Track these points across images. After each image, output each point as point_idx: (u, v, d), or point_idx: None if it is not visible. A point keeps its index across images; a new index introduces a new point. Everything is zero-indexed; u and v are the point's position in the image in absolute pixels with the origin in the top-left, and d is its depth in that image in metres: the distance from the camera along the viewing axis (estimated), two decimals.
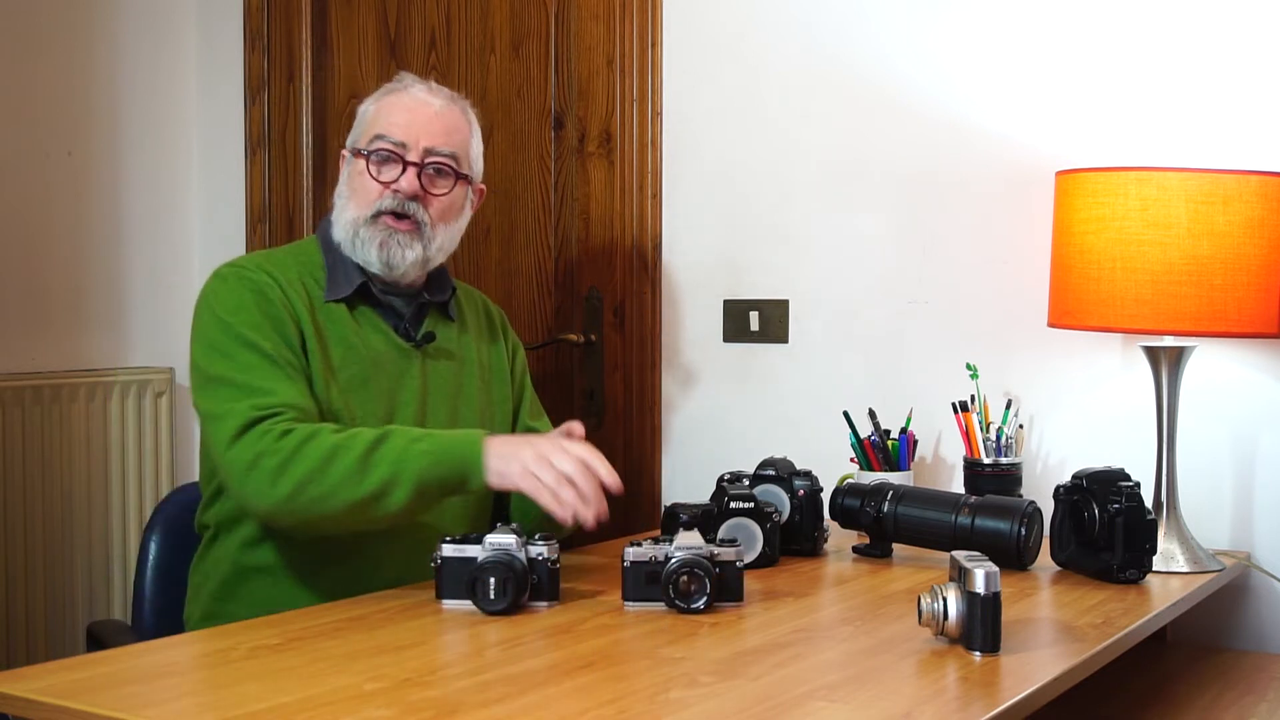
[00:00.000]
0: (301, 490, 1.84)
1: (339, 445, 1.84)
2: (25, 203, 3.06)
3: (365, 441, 1.85)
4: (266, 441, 1.85)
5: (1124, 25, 2.35)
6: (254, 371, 1.92)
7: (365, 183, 2.08)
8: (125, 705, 1.33)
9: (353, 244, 2.07)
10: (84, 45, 3.17)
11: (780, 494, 2.12)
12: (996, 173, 2.46)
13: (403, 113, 2.09)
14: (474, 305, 2.29)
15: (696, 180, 2.76)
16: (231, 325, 1.95)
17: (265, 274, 2.03)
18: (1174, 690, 2.00)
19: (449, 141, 2.11)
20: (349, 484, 1.83)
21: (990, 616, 1.52)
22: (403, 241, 2.06)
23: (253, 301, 1.98)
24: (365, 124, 2.13)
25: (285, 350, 1.96)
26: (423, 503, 1.88)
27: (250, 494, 1.87)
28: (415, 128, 2.08)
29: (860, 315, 2.59)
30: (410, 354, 2.11)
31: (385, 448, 1.85)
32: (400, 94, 2.12)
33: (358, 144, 2.12)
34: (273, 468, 1.84)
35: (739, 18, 2.70)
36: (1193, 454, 2.25)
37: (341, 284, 2.08)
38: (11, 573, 2.96)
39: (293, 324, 1.99)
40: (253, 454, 1.85)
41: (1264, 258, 2.03)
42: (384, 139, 2.08)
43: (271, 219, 3.28)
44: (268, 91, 3.28)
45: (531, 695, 1.39)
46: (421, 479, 1.85)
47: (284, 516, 1.89)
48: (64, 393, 3.07)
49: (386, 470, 1.83)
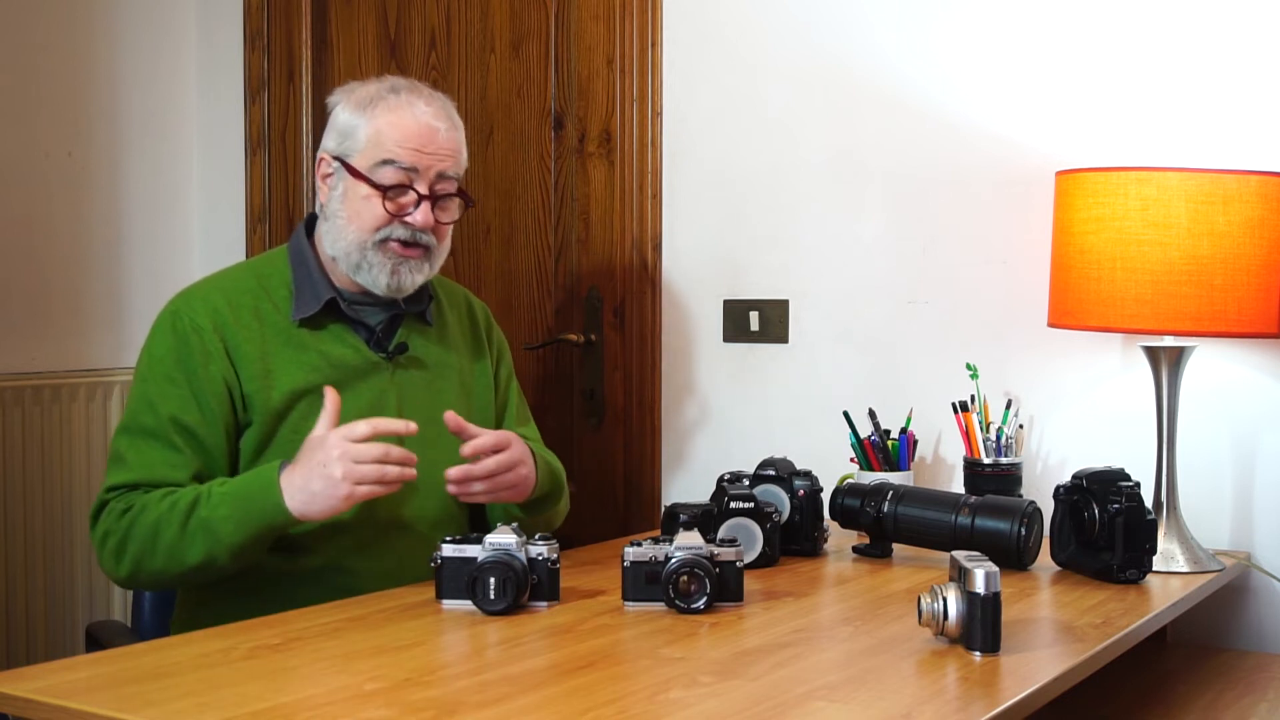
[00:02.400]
0: (140, 567, 1.91)
1: (160, 520, 1.89)
2: (25, 203, 3.06)
3: (180, 512, 1.88)
4: (110, 520, 1.93)
5: (1124, 25, 2.35)
6: (137, 439, 1.96)
7: (372, 208, 2.01)
8: (125, 705, 1.33)
9: (356, 266, 2.03)
10: (84, 45, 3.17)
11: (780, 494, 2.12)
12: (996, 173, 2.46)
13: (412, 137, 2.01)
14: (456, 306, 2.24)
15: (696, 180, 2.76)
16: (146, 379, 2.00)
17: (207, 312, 2.00)
18: (1174, 690, 2.00)
19: (456, 165, 2.06)
20: (176, 558, 1.88)
21: (990, 616, 1.52)
22: (413, 267, 2.04)
23: (173, 351, 1.99)
24: (361, 141, 2.02)
25: (189, 408, 1.96)
26: (253, 555, 1.90)
27: (105, 570, 1.97)
28: (425, 154, 2.01)
29: (860, 315, 2.59)
30: (381, 366, 2.07)
31: (194, 519, 1.87)
32: (401, 111, 2.02)
33: (350, 160, 2.03)
34: (114, 547, 1.92)
35: (739, 18, 2.70)
36: (1193, 454, 2.25)
37: (309, 302, 2.05)
38: (11, 573, 2.96)
39: (219, 371, 1.97)
40: (102, 532, 1.94)
41: (1264, 258, 2.03)
42: (393, 165, 2.00)
43: (271, 219, 3.28)
44: (268, 91, 3.28)
45: (531, 695, 1.39)
46: (234, 546, 1.87)
47: (137, 587, 2.06)
48: (64, 393, 3.07)
49: (202, 543, 1.87)
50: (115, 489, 1.94)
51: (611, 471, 2.84)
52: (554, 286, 2.91)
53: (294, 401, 2.00)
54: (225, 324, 2.00)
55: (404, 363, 2.10)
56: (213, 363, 1.98)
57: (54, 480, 3.05)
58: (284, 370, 2.01)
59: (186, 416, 1.96)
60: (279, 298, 2.06)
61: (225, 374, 1.98)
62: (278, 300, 2.05)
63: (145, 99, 3.30)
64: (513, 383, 2.29)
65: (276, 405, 1.99)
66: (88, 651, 2.23)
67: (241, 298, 2.04)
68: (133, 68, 3.27)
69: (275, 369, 2.00)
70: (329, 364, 2.03)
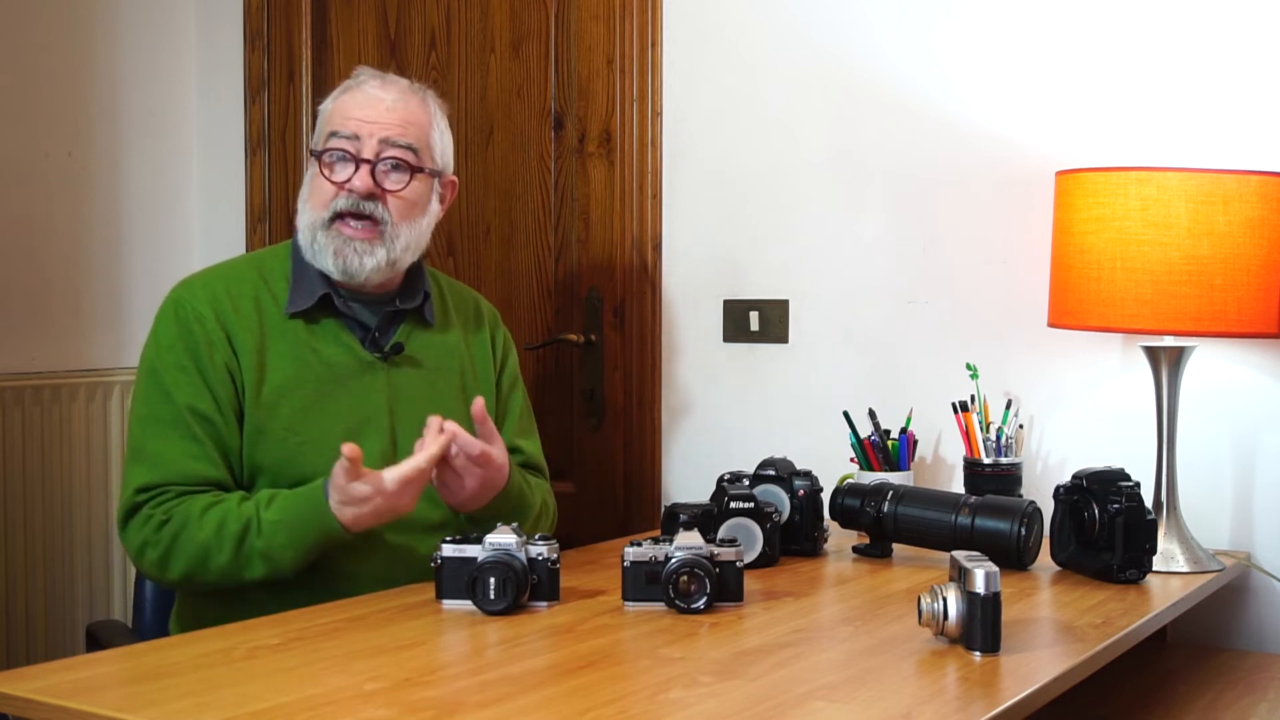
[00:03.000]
0: (191, 581, 1.93)
1: (209, 545, 1.88)
2: (25, 203, 3.06)
3: (232, 538, 1.88)
4: (148, 531, 1.92)
5: (1124, 25, 2.35)
6: (157, 431, 1.95)
7: (320, 184, 2.03)
8: (125, 705, 1.33)
9: (311, 250, 2.03)
10: (84, 45, 3.17)
11: (780, 494, 2.12)
12: (996, 173, 2.46)
13: (355, 108, 2.02)
14: (464, 307, 2.23)
15: (696, 180, 2.76)
16: (157, 369, 1.99)
17: (208, 300, 2.01)
18: (1174, 690, 2.00)
19: (405, 133, 2.03)
20: (233, 576, 1.90)
21: (990, 616, 1.52)
22: (360, 249, 2.01)
23: (180, 340, 1.99)
24: (321, 125, 2.07)
25: (203, 397, 1.96)
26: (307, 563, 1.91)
27: (149, 576, 2.00)
28: (367, 122, 2.02)
29: (860, 315, 2.59)
30: (375, 366, 2.06)
31: (248, 547, 1.88)
32: (354, 91, 2.05)
33: (314, 147, 2.07)
34: (156, 560, 1.92)
35: (739, 18, 2.70)
36: (1193, 454, 2.25)
37: (304, 296, 2.04)
38: (11, 573, 2.96)
39: (222, 358, 1.98)
40: (139, 542, 1.93)
41: (1264, 258, 2.03)
42: (337, 136, 2.02)
43: (271, 219, 3.28)
44: (268, 91, 3.28)
45: (531, 695, 1.39)
46: (297, 565, 1.89)
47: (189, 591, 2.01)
48: (64, 393, 3.07)
49: (262, 567, 1.89)
50: (145, 490, 1.93)
51: (611, 471, 2.84)
52: (554, 286, 2.91)
53: (282, 396, 1.99)
54: (225, 312, 2.00)
55: (400, 363, 2.08)
56: (216, 350, 1.98)
57: (54, 480, 3.05)
58: (276, 363, 2.01)
59: (201, 404, 1.96)
60: (278, 290, 2.05)
61: (228, 361, 1.98)
62: (276, 292, 2.05)
63: (145, 99, 3.30)
64: (517, 392, 2.25)
65: (266, 398, 1.99)
66: (88, 651, 2.23)
67: (242, 288, 2.04)
68: (133, 68, 3.27)
69: (268, 361, 2.00)
70: (320, 361, 2.03)
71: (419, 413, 1.99)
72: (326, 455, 1.88)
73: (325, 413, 2.00)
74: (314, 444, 1.97)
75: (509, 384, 2.24)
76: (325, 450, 1.90)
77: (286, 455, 1.97)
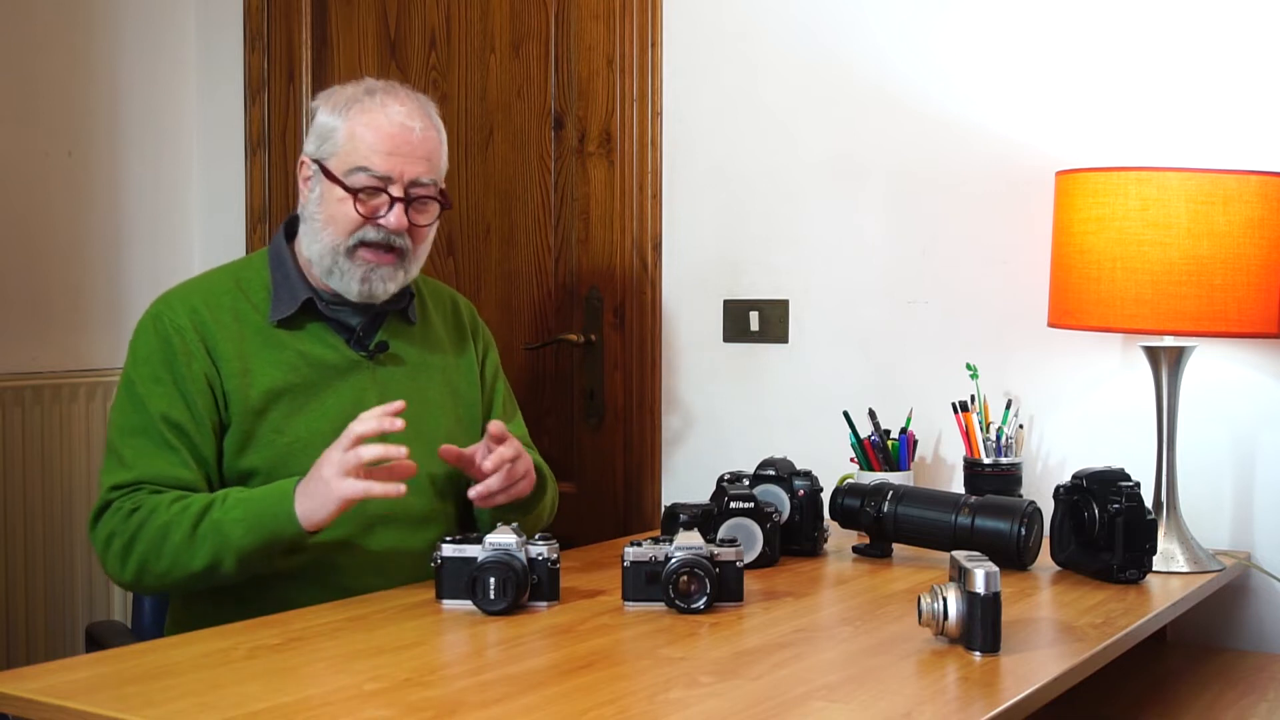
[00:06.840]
0: (145, 570, 1.91)
1: (170, 522, 1.88)
2: (25, 203, 3.06)
3: (192, 516, 1.88)
4: (116, 520, 1.92)
5: (1124, 25, 2.35)
6: (132, 438, 1.96)
7: (345, 211, 2.01)
8: (125, 705, 1.33)
9: (329, 271, 2.03)
10: (84, 45, 3.17)
11: (780, 494, 2.12)
12: (996, 173, 2.46)
13: (384, 140, 2.00)
14: (441, 304, 2.24)
15: (696, 180, 2.76)
16: (134, 381, 2.00)
17: (186, 312, 2.01)
18: (1174, 690, 2.00)
19: (431, 170, 2.04)
20: (182, 561, 1.88)
21: (990, 616, 1.52)
22: (385, 275, 2.03)
23: (158, 352, 1.99)
24: (338, 145, 2.02)
25: (177, 406, 1.96)
26: (257, 565, 1.90)
27: (109, 572, 1.97)
28: (398, 159, 2.00)
29: (860, 315, 2.59)
30: (361, 365, 2.07)
31: (206, 522, 1.88)
32: (375, 114, 2.01)
33: (327, 163, 2.02)
34: (119, 549, 1.92)
35: (739, 18, 2.70)
36: (1193, 454, 2.25)
37: (286, 303, 2.05)
38: (11, 573, 2.96)
39: (201, 369, 1.98)
40: (107, 533, 1.93)
41: (1264, 258, 2.03)
42: (367, 172, 2.00)
43: (271, 219, 3.28)
44: (268, 91, 3.28)
45: (531, 695, 1.39)
46: (242, 551, 1.87)
47: (140, 590, 2.02)
48: (64, 393, 3.07)
49: (209, 547, 1.87)
50: (119, 488, 1.94)
51: (611, 471, 2.84)
52: (554, 286, 2.91)
53: (272, 401, 2.00)
54: (204, 323, 2.01)
55: (385, 361, 2.10)
56: (195, 361, 1.99)
57: (54, 480, 3.05)
58: (262, 370, 2.01)
59: (176, 414, 1.96)
60: (257, 299, 2.06)
61: (207, 372, 1.99)
62: (256, 302, 2.06)
63: (145, 99, 3.30)
64: (500, 382, 2.28)
65: (255, 404, 1.99)
66: (88, 651, 2.23)
67: (219, 299, 2.05)
68: (133, 68, 3.27)
69: (254, 368, 2.01)
70: (307, 363, 2.04)
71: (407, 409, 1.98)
72: (316, 455, 1.88)
73: (314, 413, 2.02)
74: (304, 444, 1.98)
75: (491, 374, 2.27)
76: (315, 450, 1.90)
77: (277, 457, 1.98)
